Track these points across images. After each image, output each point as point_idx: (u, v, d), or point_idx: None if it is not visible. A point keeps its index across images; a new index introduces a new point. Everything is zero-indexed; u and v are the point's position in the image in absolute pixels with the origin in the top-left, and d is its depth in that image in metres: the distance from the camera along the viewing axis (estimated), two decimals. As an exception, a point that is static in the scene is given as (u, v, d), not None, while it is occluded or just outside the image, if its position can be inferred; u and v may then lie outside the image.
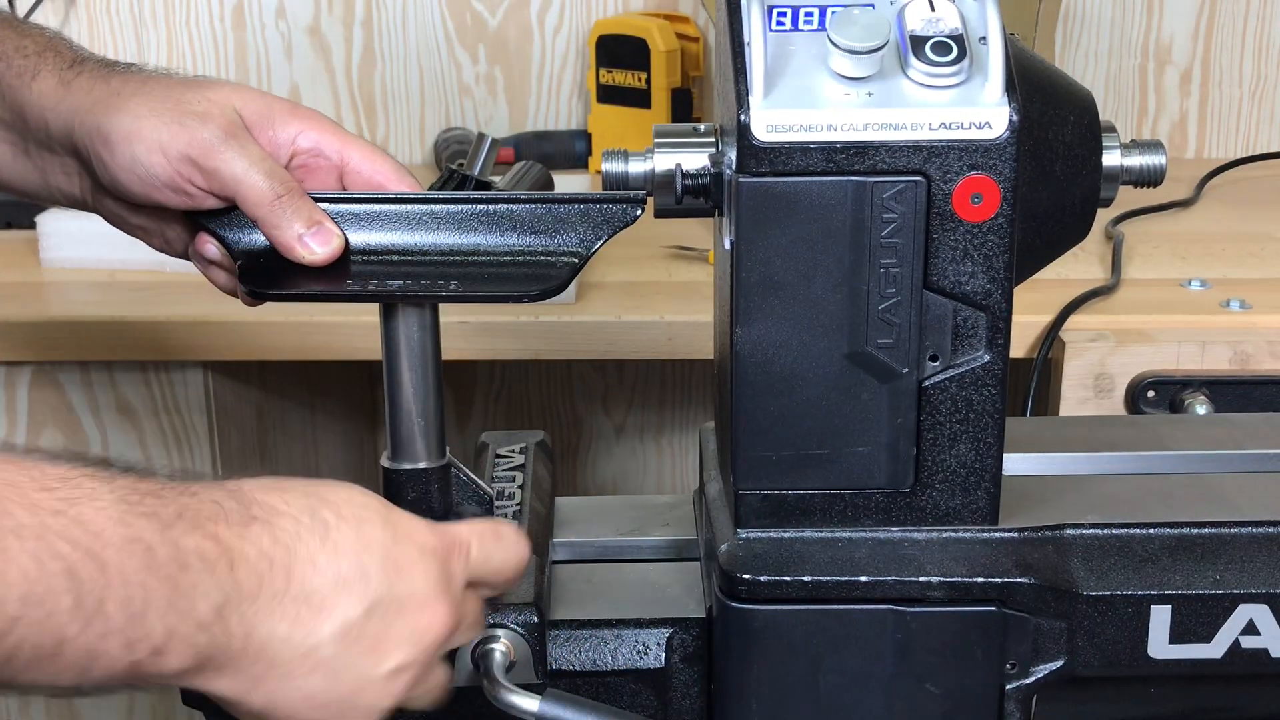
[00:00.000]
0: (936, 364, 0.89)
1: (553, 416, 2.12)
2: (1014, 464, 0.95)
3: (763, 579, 0.89)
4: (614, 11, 2.01)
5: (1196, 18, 2.02)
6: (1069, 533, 0.91)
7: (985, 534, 0.91)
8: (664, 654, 0.96)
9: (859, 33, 0.83)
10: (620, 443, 2.13)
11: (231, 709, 0.74)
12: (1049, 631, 0.89)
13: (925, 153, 0.84)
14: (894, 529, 0.92)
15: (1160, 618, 0.89)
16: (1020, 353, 1.45)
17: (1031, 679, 0.90)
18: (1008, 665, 0.90)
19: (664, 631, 0.96)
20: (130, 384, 1.54)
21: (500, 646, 0.90)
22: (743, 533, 0.92)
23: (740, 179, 0.85)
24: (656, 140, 0.92)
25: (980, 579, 0.88)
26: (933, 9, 0.85)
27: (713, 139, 0.92)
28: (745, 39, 0.85)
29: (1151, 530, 0.91)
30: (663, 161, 0.91)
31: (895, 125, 0.84)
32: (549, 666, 0.94)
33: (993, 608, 0.88)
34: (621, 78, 1.95)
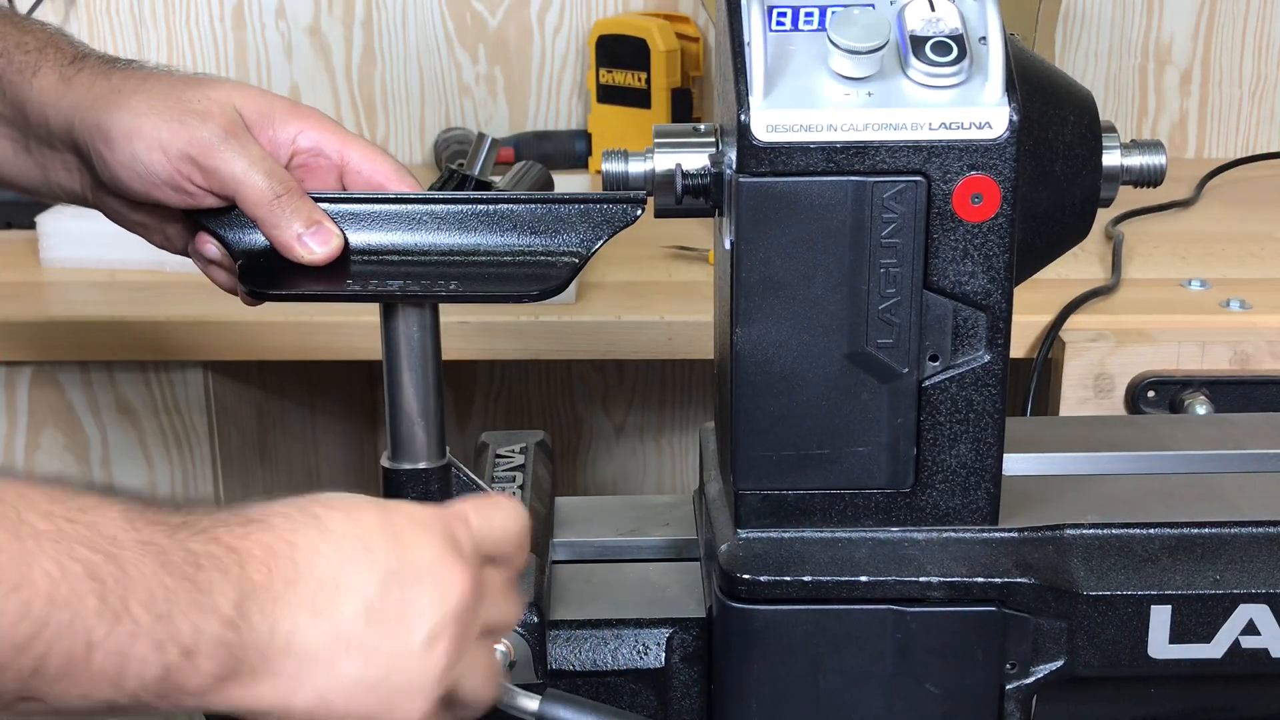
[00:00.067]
0: (936, 364, 0.89)
1: (553, 416, 2.12)
2: (1014, 464, 0.95)
3: (763, 579, 0.89)
4: (614, 11, 2.01)
5: (1196, 18, 2.01)
6: (1069, 533, 0.91)
7: (985, 534, 0.91)
8: (664, 654, 0.96)
9: (859, 33, 0.83)
10: (620, 443, 2.13)
11: None
12: (1049, 631, 0.89)
13: (925, 153, 0.84)
14: (894, 529, 0.92)
15: (1160, 618, 0.89)
16: (1020, 353, 1.45)
17: (1031, 679, 0.90)
18: (1008, 665, 0.90)
19: (664, 631, 0.96)
20: (130, 384, 1.54)
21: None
22: (743, 533, 0.92)
23: (740, 179, 0.85)
24: (656, 140, 0.92)
25: (980, 579, 0.88)
26: (933, 9, 0.85)
27: (713, 139, 0.92)
28: (745, 39, 0.85)
29: (1151, 530, 0.91)
30: (663, 161, 0.91)
31: (895, 125, 0.84)
32: (549, 666, 0.94)
33: (993, 608, 0.88)
34: (621, 78, 1.95)
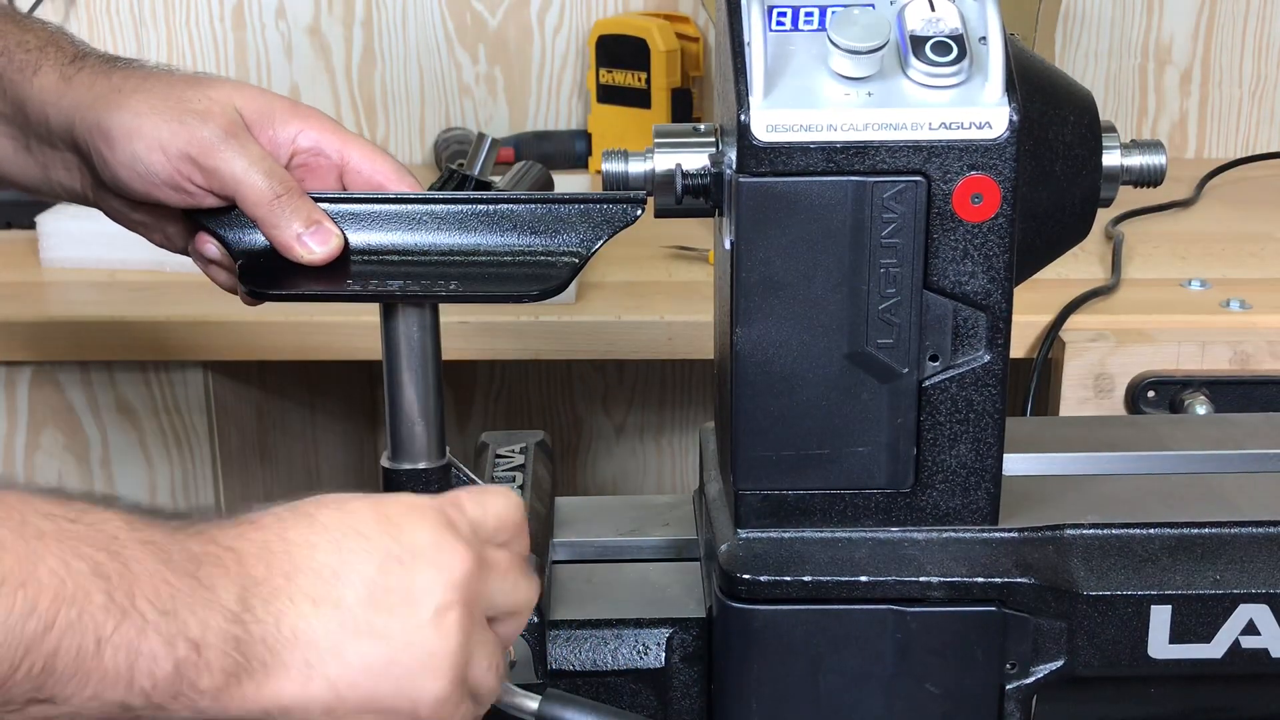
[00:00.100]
0: (936, 364, 0.89)
1: (553, 416, 2.12)
2: (1014, 464, 0.95)
3: (763, 579, 0.89)
4: (614, 11, 2.01)
5: (1196, 18, 2.01)
6: (1069, 533, 0.91)
7: (985, 534, 0.91)
8: (664, 654, 0.96)
9: (859, 33, 0.83)
10: (620, 443, 2.13)
11: None
12: (1049, 631, 0.89)
13: (925, 153, 0.84)
14: (894, 529, 0.92)
15: (1160, 618, 0.89)
16: (1020, 353, 1.45)
17: (1031, 679, 0.90)
18: (1008, 665, 0.90)
19: (664, 631, 0.96)
20: (130, 384, 1.54)
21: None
22: (743, 533, 0.92)
23: (740, 179, 0.85)
24: (656, 140, 0.92)
25: (980, 579, 0.88)
26: (933, 9, 0.85)
27: (713, 139, 0.92)
28: (745, 39, 0.85)
29: (1151, 530, 0.91)
30: (663, 161, 0.91)
31: (895, 125, 0.84)
32: (549, 666, 0.94)
33: (993, 608, 0.88)
34: (621, 78, 1.95)
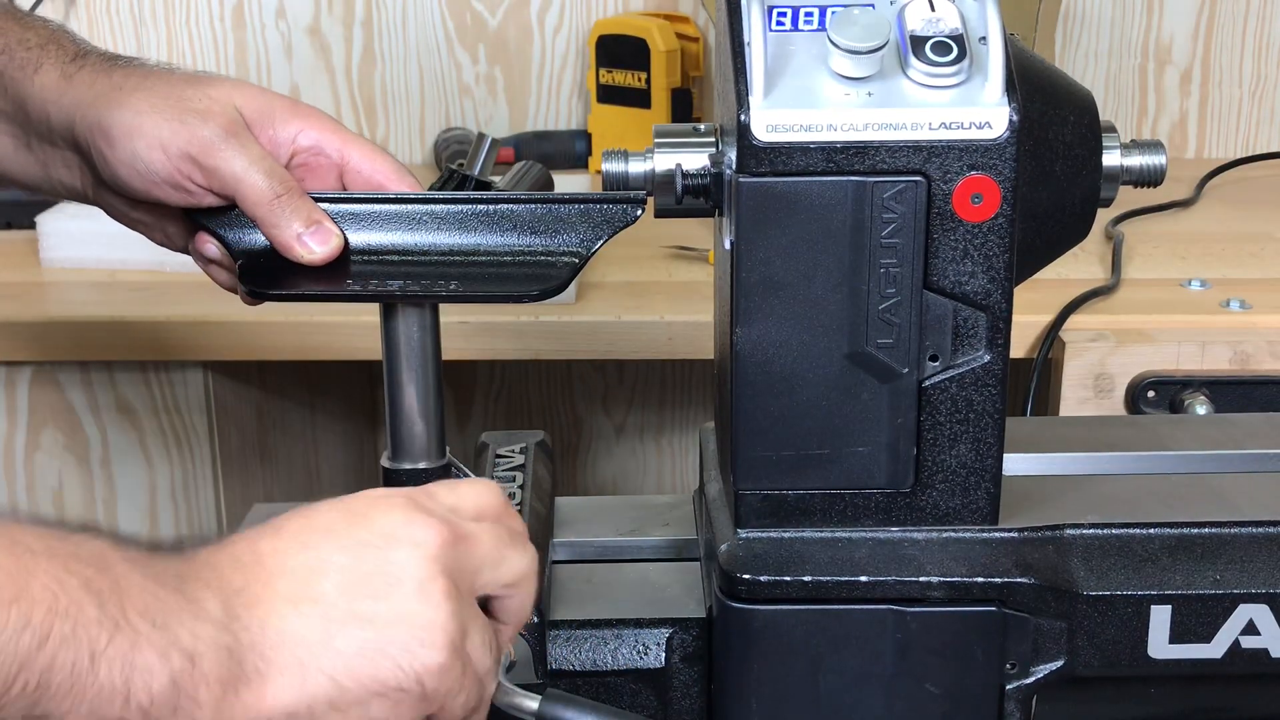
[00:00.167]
0: (936, 364, 0.89)
1: (553, 416, 2.12)
2: (1014, 464, 0.95)
3: (763, 579, 0.88)
4: (614, 11, 2.01)
5: (1196, 18, 2.01)
6: (1069, 533, 0.91)
7: (985, 534, 0.91)
8: (664, 654, 0.96)
9: (859, 33, 0.83)
10: (620, 443, 2.13)
11: None
12: (1049, 631, 0.89)
13: (925, 153, 0.84)
14: (894, 529, 0.92)
15: (1160, 618, 0.89)
16: (1020, 353, 1.45)
17: (1031, 679, 0.90)
18: (1008, 665, 0.90)
19: (664, 631, 0.96)
20: (130, 384, 1.54)
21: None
22: (743, 533, 0.92)
23: (740, 179, 0.85)
24: (656, 140, 0.92)
25: (980, 579, 0.88)
26: (933, 9, 0.85)
27: (713, 139, 0.92)
28: (745, 39, 0.85)
29: (1151, 530, 0.91)
30: (663, 161, 0.91)
31: (895, 125, 0.84)
32: (549, 666, 0.94)
33: (993, 608, 0.88)
34: (621, 78, 1.95)
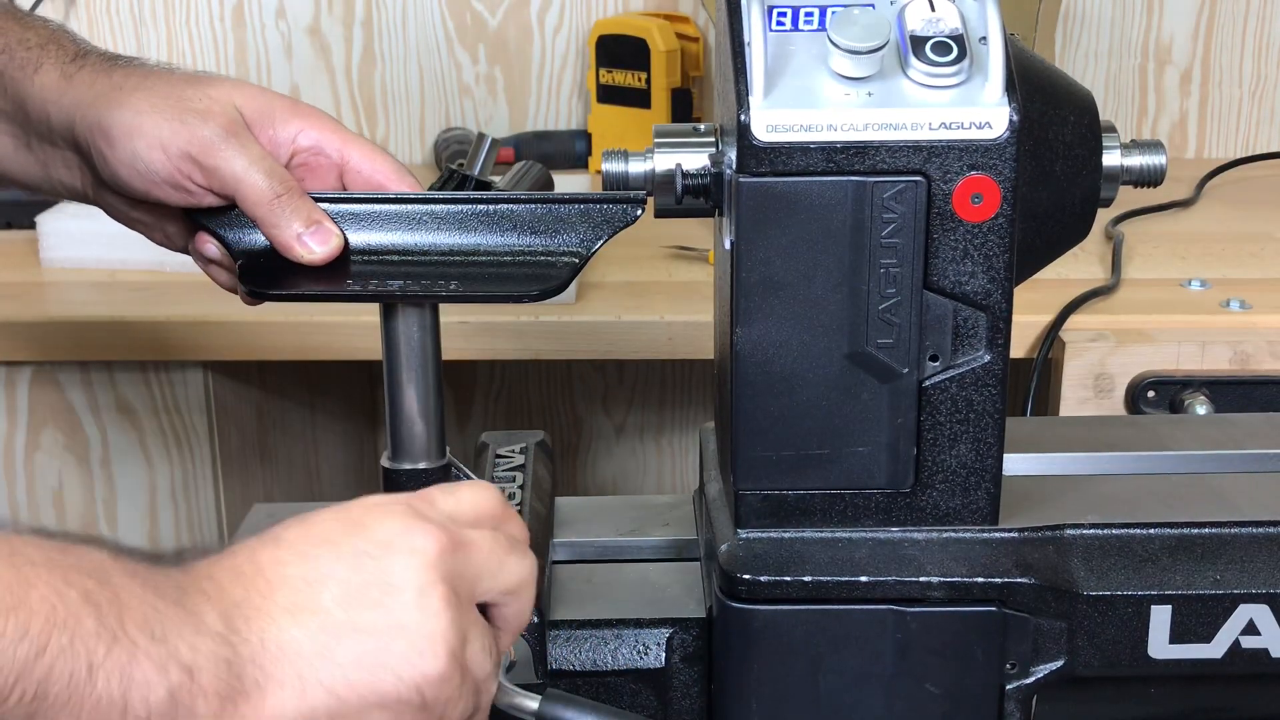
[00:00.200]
0: (936, 364, 0.89)
1: (553, 416, 2.12)
2: (1014, 464, 0.95)
3: (763, 579, 0.88)
4: (614, 11, 2.01)
5: (1196, 18, 2.01)
6: (1069, 533, 0.91)
7: (985, 534, 0.91)
8: (664, 654, 0.96)
9: (859, 33, 0.83)
10: (620, 443, 2.13)
11: None
12: (1049, 631, 0.89)
13: (925, 153, 0.84)
14: (894, 529, 0.92)
15: (1160, 618, 0.89)
16: (1020, 353, 1.45)
17: (1031, 679, 0.90)
18: (1008, 665, 0.90)
19: (664, 631, 0.96)
20: (130, 384, 1.54)
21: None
22: (743, 533, 0.92)
23: (740, 179, 0.85)
24: (656, 140, 0.92)
25: (980, 579, 0.88)
26: (933, 9, 0.85)
27: (713, 139, 0.92)
28: (745, 39, 0.85)
29: (1151, 530, 0.91)
30: (663, 161, 0.91)
31: (895, 125, 0.84)
32: (549, 666, 0.94)
33: (993, 608, 0.88)
34: (621, 78, 1.95)
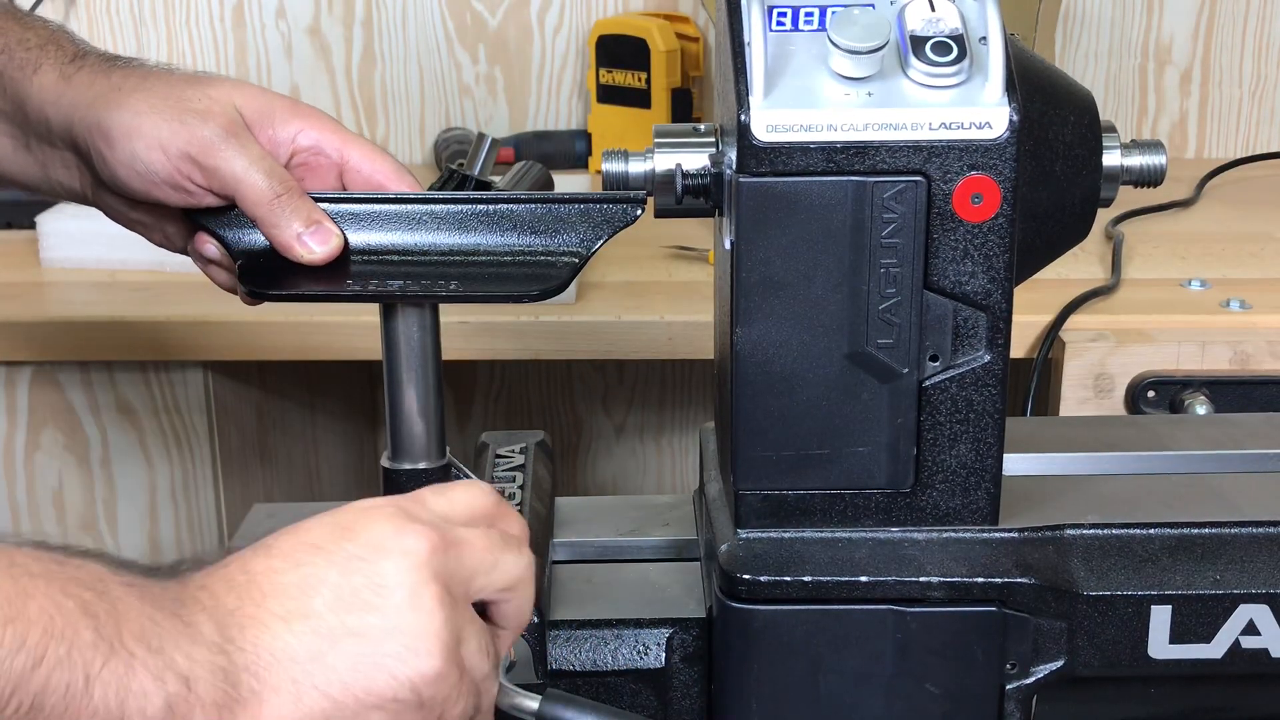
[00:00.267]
0: (937, 364, 0.89)
1: (553, 416, 2.12)
2: (1014, 464, 0.95)
3: (763, 579, 0.88)
4: (614, 11, 2.01)
5: (1196, 18, 2.01)
6: (1069, 533, 0.91)
7: (985, 534, 0.91)
8: (664, 654, 0.96)
9: (859, 33, 0.83)
10: (620, 443, 2.13)
11: None
12: (1049, 631, 0.89)
13: (925, 153, 0.84)
14: (894, 529, 0.92)
15: (1160, 618, 0.89)
16: (1020, 353, 1.45)
17: (1031, 679, 0.90)
18: (1008, 665, 0.90)
19: (664, 631, 0.96)
20: (130, 384, 1.54)
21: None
22: (743, 533, 0.92)
23: (740, 179, 0.85)
24: (656, 140, 0.92)
25: (980, 579, 0.88)
26: (933, 9, 0.85)
27: (713, 139, 0.92)
28: (745, 39, 0.85)
29: (1151, 530, 0.91)
30: (663, 161, 0.91)
31: (895, 125, 0.84)
32: (549, 666, 0.94)
33: (993, 608, 0.88)
34: (621, 78, 1.95)
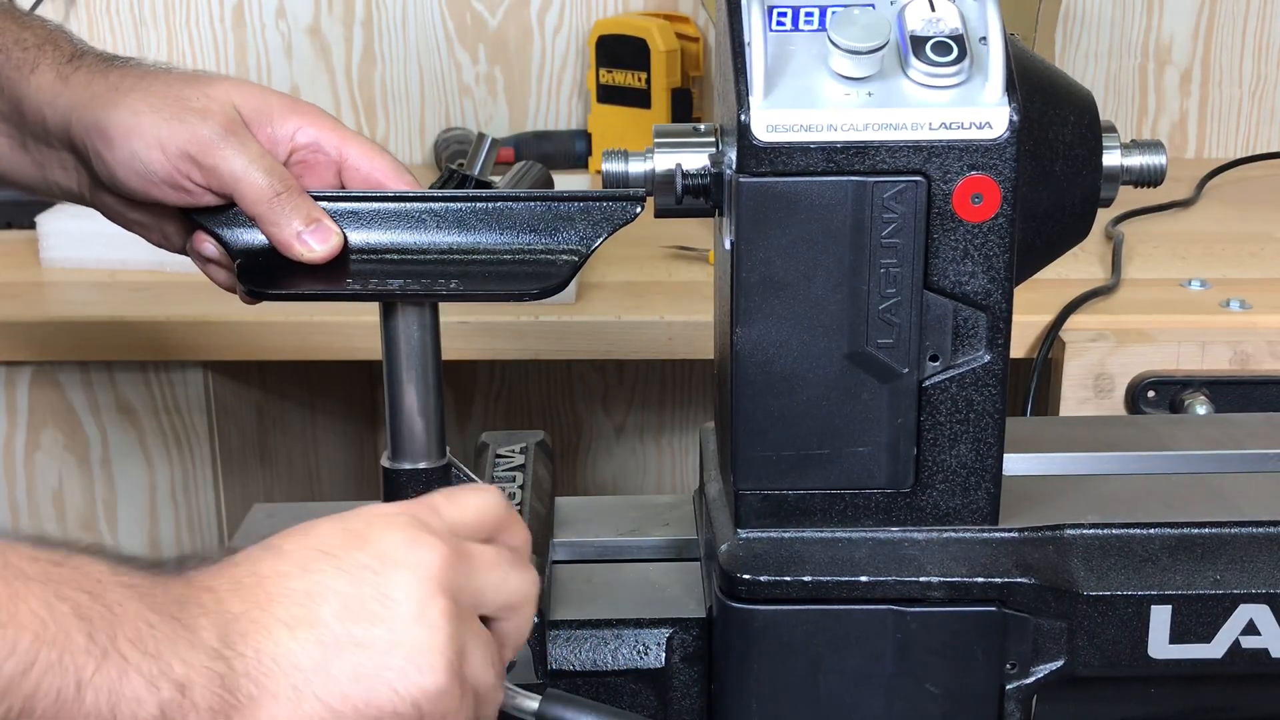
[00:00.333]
0: (937, 364, 0.89)
1: (553, 416, 2.12)
2: (1014, 464, 0.95)
3: (763, 579, 0.88)
4: (614, 11, 2.01)
5: (1196, 18, 2.01)
6: (1069, 533, 0.91)
7: (985, 534, 0.91)
8: (664, 654, 0.96)
9: (859, 33, 0.83)
10: (620, 443, 2.13)
11: None
12: (1049, 631, 0.89)
13: (925, 153, 0.84)
14: (894, 529, 0.92)
15: (1160, 618, 0.89)
16: (1020, 353, 1.45)
17: (1031, 679, 0.90)
18: (1008, 665, 0.90)
19: (664, 631, 0.96)
20: (130, 384, 1.54)
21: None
22: (743, 533, 0.92)
23: (740, 179, 0.85)
24: (656, 140, 0.92)
25: (980, 579, 0.88)
26: (933, 9, 0.85)
27: (713, 139, 0.92)
28: (745, 39, 0.85)
29: (1151, 530, 0.91)
30: (663, 161, 0.91)
31: (895, 125, 0.84)
32: (549, 666, 0.94)
33: (993, 608, 0.88)
34: (621, 78, 1.95)
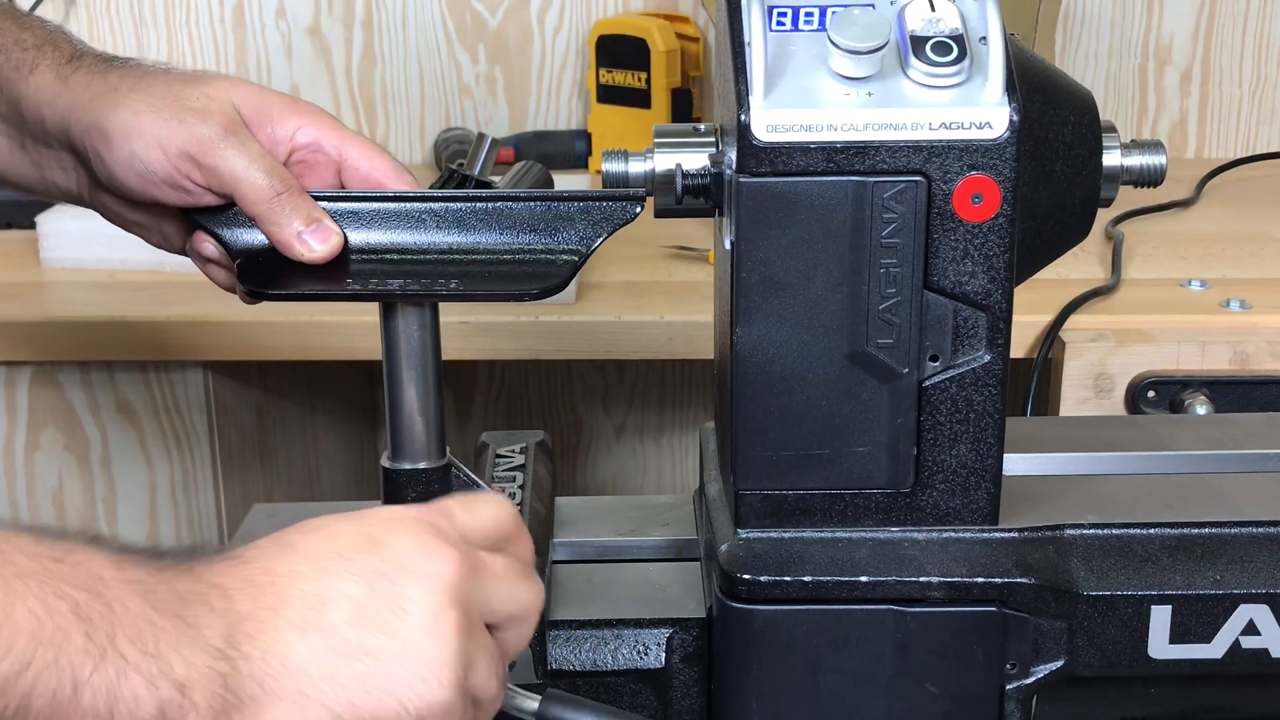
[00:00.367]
0: (937, 364, 0.89)
1: (553, 416, 2.12)
2: (1014, 464, 0.95)
3: (763, 579, 0.88)
4: (614, 11, 2.01)
5: (1196, 18, 2.01)
6: (1069, 533, 0.91)
7: (985, 534, 0.91)
8: (664, 654, 0.96)
9: (859, 33, 0.83)
10: (620, 443, 2.13)
11: None
12: (1049, 631, 0.89)
13: (925, 153, 0.84)
14: (894, 529, 0.92)
15: (1160, 618, 0.89)
16: (1020, 353, 1.45)
17: (1031, 679, 0.90)
18: (1008, 665, 0.90)
19: (664, 631, 0.96)
20: (130, 384, 1.54)
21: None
22: (743, 533, 0.92)
23: (740, 179, 0.85)
24: (656, 140, 0.92)
25: (980, 579, 0.88)
26: (933, 9, 0.85)
27: (713, 139, 0.92)
28: (745, 39, 0.85)
29: (1151, 530, 0.91)
30: (663, 161, 0.91)
31: (895, 125, 0.84)
32: (549, 666, 0.94)
33: (993, 608, 0.88)
34: (621, 78, 1.95)
